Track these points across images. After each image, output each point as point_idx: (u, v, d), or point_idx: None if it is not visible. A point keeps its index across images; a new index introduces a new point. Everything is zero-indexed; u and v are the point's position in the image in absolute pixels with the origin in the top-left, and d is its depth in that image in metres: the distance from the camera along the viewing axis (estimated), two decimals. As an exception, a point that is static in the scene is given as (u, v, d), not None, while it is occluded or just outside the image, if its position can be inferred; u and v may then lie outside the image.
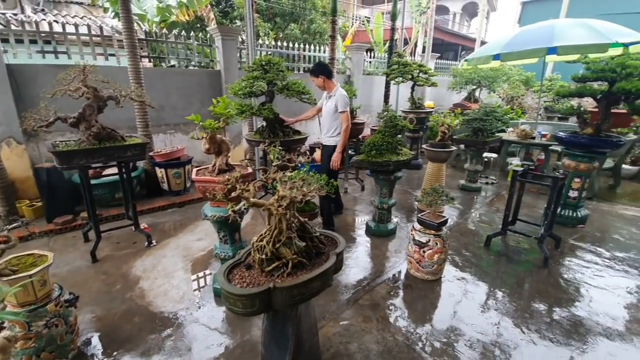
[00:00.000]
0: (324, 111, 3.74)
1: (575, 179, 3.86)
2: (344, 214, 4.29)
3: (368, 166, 3.26)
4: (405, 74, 5.75)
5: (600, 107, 3.77)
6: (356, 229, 3.87)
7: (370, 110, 8.17)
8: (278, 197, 1.52)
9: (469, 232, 3.84)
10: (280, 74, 3.70)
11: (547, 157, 5.92)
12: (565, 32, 4.36)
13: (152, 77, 4.80)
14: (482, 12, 14.18)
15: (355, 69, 7.34)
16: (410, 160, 3.40)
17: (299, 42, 7.36)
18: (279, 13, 10.68)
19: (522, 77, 9.83)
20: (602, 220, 4.17)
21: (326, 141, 3.78)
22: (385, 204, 3.53)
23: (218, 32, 5.13)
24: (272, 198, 1.55)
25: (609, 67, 3.52)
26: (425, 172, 4.39)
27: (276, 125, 3.92)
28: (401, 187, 5.43)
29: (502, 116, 5.00)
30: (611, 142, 3.56)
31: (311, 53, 6.70)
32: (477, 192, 5.23)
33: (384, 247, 3.43)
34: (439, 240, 2.68)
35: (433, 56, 9.97)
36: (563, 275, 2.95)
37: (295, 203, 1.58)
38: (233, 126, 5.62)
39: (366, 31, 14.10)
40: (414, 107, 6.25)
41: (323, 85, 3.64)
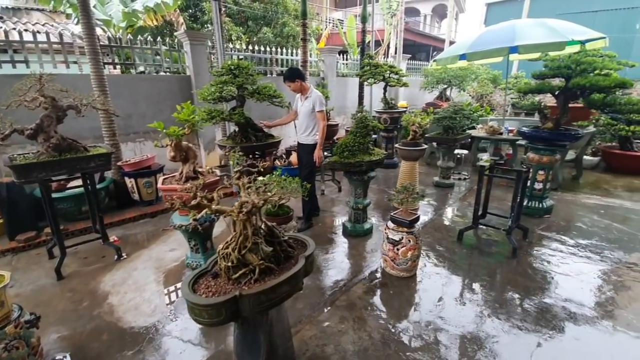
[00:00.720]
0: (301, 112, 3.78)
1: (540, 172, 4.04)
2: (321, 216, 4.30)
3: (341, 167, 3.28)
4: (377, 75, 5.85)
5: (559, 102, 3.97)
6: (333, 230, 3.88)
7: (346, 112, 8.25)
8: (240, 203, 1.50)
9: (442, 227, 3.93)
10: (250, 78, 3.67)
11: (514, 151, 6.17)
12: (525, 31, 4.55)
13: (118, 84, 4.64)
14: (450, 14, 14.63)
15: (329, 71, 7.39)
16: (382, 160, 3.45)
17: (272, 46, 7.35)
18: (250, 17, 10.61)
19: (490, 76, 10.21)
20: (567, 209, 4.38)
21: (304, 140, 3.82)
22: (360, 204, 3.57)
23: (186, 36, 5.03)
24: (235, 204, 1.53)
25: (565, 64, 3.72)
26: (399, 170, 4.46)
27: (249, 129, 3.88)
28: (378, 187, 5.50)
29: (470, 114, 5.16)
30: (569, 135, 3.75)
31: (284, 56, 6.70)
32: (451, 188, 5.37)
33: (360, 247, 3.46)
34: (412, 237, 2.72)
35: (404, 57, 10.20)
36: (531, 264, 3.07)
37: (259, 208, 1.56)
38: (207, 132, 5.53)
39: (339, 34, 14.27)
40: (387, 107, 6.35)
41: (300, 88, 3.69)
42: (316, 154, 3.66)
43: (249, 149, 3.80)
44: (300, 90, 3.71)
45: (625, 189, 5.19)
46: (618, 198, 4.76)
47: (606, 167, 6.43)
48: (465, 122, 5.14)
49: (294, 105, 3.93)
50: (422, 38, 19.60)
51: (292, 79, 3.62)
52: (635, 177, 5.77)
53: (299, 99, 3.83)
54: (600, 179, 5.75)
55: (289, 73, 3.67)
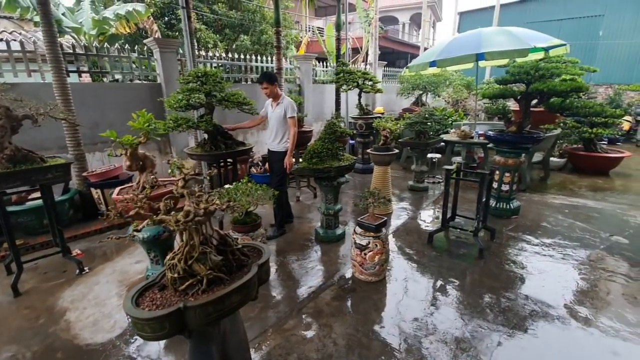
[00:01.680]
0: (272, 118, 3.78)
1: (506, 174, 4.16)
2: (295, 222, 4.28)
3: (309, 173, 3.28)
4: (350, 81, 5.92)
5: (521, 106, 4.12)
6: (306, 237, 3.86)
7: (323, 118, 8.29)
8: (184, 213, 1.47)
9: (414, 230, 3.98)
10: (217, 86, 3.64)
11: (486, 154, 6.34)
12: (489, 39, 4.72)
13: (84, 92, 4.53)
14: (425, 22, 15.03)
15: (305, 78, 7.44)
16: (352, 165, 3.47)
17: (250, 54, 7.35)
18: (228, 25, 10.59)
19: (464, 82, 10.52)
20: (534, 210, 4.52)
21: (275, 147, 3.82)
22: (332, 209, 3.57)
23: (155, 44, 4.96)
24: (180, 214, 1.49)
25: (524, 70, 3.87)
26: (372, 176, 4.50)
27: (218, 137, 3.84)
28: (353, 192, 5.54)
29: (442, 119, 5.28)
30: (531, 138, 3.90)
31: (258, 63, 6.70)
32: (425, 192, 5.46)
33: (332, 253, 3.45)
34: (379, 241, 2.74)
35: (380, 64, 10.38)
36: (497, 264, 3.14)
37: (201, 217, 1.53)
38: (179, 139, 5.44)
39: (319, 42, 14.45)
40: (362, 113, 6.43)
41: (274, 92, 3.69)
42: (287, 161, 3.65)
43: (218, 157, 3.76)
44: (273, 95, 3.71)
45: (589, 188, 5.41)
46: (582, 197, 4.96)
47: (572, 168, 6.70)
48: (436, 127, 5.26)
49: (262, 111, 3.92)
50: (401, 46, 20.07)
51: (271, 81, 3.63)
52: (599, 177, 6.04)
53: (270, 105, 3.83)
54: (567, 180, 5.98)
55: (268, 75, 3.69)
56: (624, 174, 6.27)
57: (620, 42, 10.24)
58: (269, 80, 3.63)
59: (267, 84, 3.62)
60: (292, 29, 13.44)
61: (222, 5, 10.34)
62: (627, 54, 10.21)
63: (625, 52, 10.23)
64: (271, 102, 3.81)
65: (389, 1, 24.51)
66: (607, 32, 10.57)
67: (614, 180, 5.84)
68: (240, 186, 2.90)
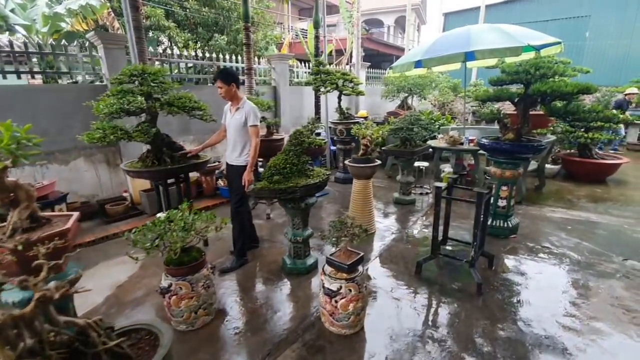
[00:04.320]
0: (232, 126, 3.12)
1: (503, 187, 3.63)
2: (261, 247, 3.64)
3: (269, 195, 2.65)
4: (328, 83, 5.34)
5: (519, 110, 3.61)
6: (272, 267, 3.23)
7: (302, 123, 7.68)
8: None
9: (400, 256, 3.39)
10: (159, 87, 2.99)
11: (476, 162, 5.85)
12: (480, 36, 4.22)
13: (6, 97, 3.80)
14: (408, 22, 14.68)
15: (281, 80, 6.82)
16: (324, 183, 2.87)
17: (224, 53, 6.72)
18: (201, 23, 9.90)
19: (450, 84, 10.11)
20: (532, 226, 4.01)
21: (234, 161, 3.18)
22: (300, 236, 2.95)
23: (98, 39, 4.26)
24: None
25: (523, 69, 3.37)
26: (351, 190, 3.91)
27: (163, 149, 3.18)
28: (332, 207, 4.93)
29: (428, 124, 4.75)
30: (532, 148, 3.38)
31: (227, 63, 6.05)
32: (412, 205, 4.91)
33: (300, 290, 2.83)
34: (353, 285, 2.13)
35: (364, 65, 9.87)
36: (499, 304, 2.58)
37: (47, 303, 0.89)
38: (133, 149, 4.71)
39: (301, 43, 13.91)
40: (342, 117, 5.85)
41: (232, 95, 3.03)
42: (245, 177, 2.99)
43: (162, 173, 3.10)
44: (231, 97, 3.05)
45: (588, 199, 4.96)
46: (583, 210, 4.49)
47: (567, 175, 6.29)
48: (423, 133, 4.72)
49: (222, 119, 3.27)
50: (386, 48, 19.71)
51: (227, 81, 2.95)
52: (596, 185, 5.62)
53: (228, 110, 3.18)
54: (563, 188, 5.54)
55: (224, 73, 3.01)
56: (622, 181, 5.87)
57: (608, 43, 10.03)
58: (224, 79, 2.95)
59: (222, 83, 2.95)
60: (273, 30, 12.85)
61: (194, 2, 9.65)
62: (614, 55, 9.99)
63: (613, 53, 10.02)
64: (230, 106, 3.16)
65: (374, 4, 24.23)
66: (593, 33, 10.36)
67: (613, 189, 5.42)
68: (175, 215, 2.26)
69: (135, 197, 4.67)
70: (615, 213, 4.35)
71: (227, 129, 3.20)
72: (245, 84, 5.42)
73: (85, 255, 3.59)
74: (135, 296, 2.80)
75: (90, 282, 3.05)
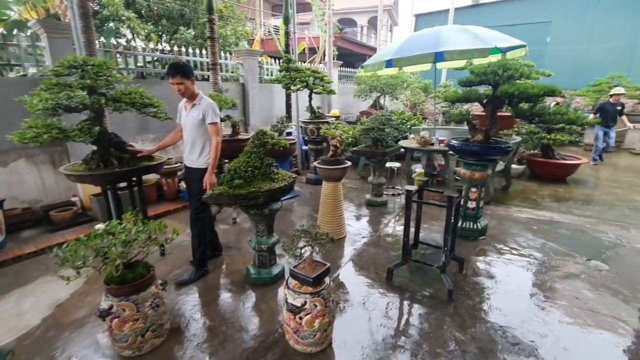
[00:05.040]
0: (188, 124, 2.83)
1: (472, 189, 3.62)
2: (225, 255, 3.40)
3: (229, 201, 2.43)
4: (298, 80, 5.14)
5: (487, 111, 3.60)
6: (236, 277, 3.00)
7: (272, 122, 7.44)
8: None
9: (371, 262, 3.27)
10: (103, 80, 2.67)
11: (446, 162, 5.89)
12: (449, 37, 4.22)
13: None
14: (380, 23, 14.78)
15: (249, 77, 6.54)
16: (289, 186, 2.68)
17: (191, 47, 6.36)
18: (165, 14, 9.37)
19: (421, 85, 10.23)
20: (501, 227, 4.04)
21: (193, 163, 2.90)
22: (264, 244, 2.75)
23: (41, 27, 3.82)
24: None
25: (491, 70, 3.35)
26: (321, 193, 3.75)
27: (111, 150, 2.86)
28: (303, 209, 4.76)
29: (400, 124, 4.69)
30: (501, 149, 3.38)
31: (189, 57, 5.69)
32: (384, 207, 4.83)
33: (263, 303, 2.62)
34: (319, 300, 1.97)
35: (336, 64, 9.75)
36: (470, 311, 2.51)
37: None
38: (80, 148, 4.27)
39: (274, 40, 13.61)
40: (313, 116, 5.68)
41: (190, 90, 2.75)
42: (206, 180, 2.74)
43: (110, 178, 2.78)
44: (189, 94, 2.76)
45: (552, 198, 5.11)
46: (547, 210, 4.60)
47: (531, 175, 6.49)
48: (395, 134, 4.65)
49: (177, 118, 2.99)
50: (359, 47, 19.75)
51: (188, 76, 2.67)
52: (558, 185, 5.82)
53: (183, 107, 2.89)
54: (528, 188, 5.69)
55: (182, 67, 2.71)
56: (580, 181, 6.13)
57: (567, 48, 10.54)
58: (184, 74, 2.67)
59: (182, 78, 2.66)
60: (244, 25, 12.46)
61: (157, -8, 9.11)
62: (573, 59, 10.53)
63: (572, 58, 10.55)
64: (185, 103, 2.87)
65: (348, 3, 24.28)
66: (554, 38, 10.87)
67: (574, 189, 5.64)
68: (116, 226, 1.99)
69: (85, 202, 4.26)
70: (576, 212, 4.49)
71: (182, 128, 2.93)
72: (210, 80, 5.12)
73: (24, 268, 3.21)
74: (76, 316, 2.48)
75: (28, 300, 2.70)
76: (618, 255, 3.32)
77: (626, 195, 5.26)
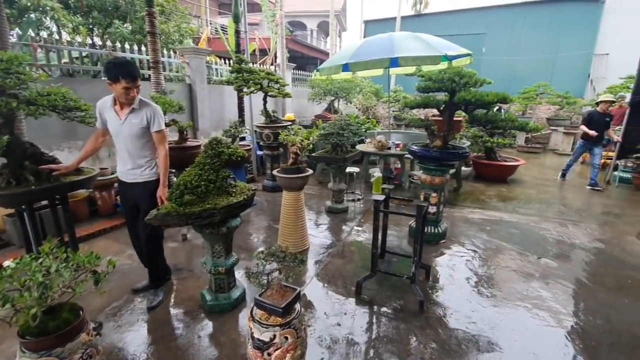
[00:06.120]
0: (124, 133, 2.40)
1: (433, 194, 3.65)
2: (176, 277, 3.00)
3: (178, 221, 2.09)
4: (251, 82, 4.85)
5: (444, 117, 3.67)
6: (188, 305, 2.64)
7: (224, 127, 7.00)
8: None
9: (338, 275, 3.12)
10: (14, 79, 2.17)
11: (402, 166, 6.01)
12: (402, 44, 4.26)
13: None
14: (331, 28, 14.91)
15: (197, 77, 6.06)
16: (249, 201, 2.41)
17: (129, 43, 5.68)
18: (96, 6, 8.38)
19: (373, 89, 10.45)
20: (458, 229, 4.15)
21: (137, 177, 2.49)
22: (222, 265, 2.44)
23: None
24: None
25: (448, 77, 3.40)
26: (281, 204, 3.51)
27: (25, 163, 2.35)
28: (261, 220, 4.46)
29: (358, 128, 4.63)
30: (459, 155, 3.46)
31: (127, 54, 5.08)
32: (345, 213, 4.72)
33: (223, 335, 2.32)
34: (290, 332, 1.74)
35: (289, 66, 9.55)
36: (441, 321, 2.47)
37: None
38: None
39: (222, 39, 13.01)
40: (268, 120, 5.41)
41: (134, 93, 2.33)
42: (160, 194, 2.35)
43: (23, 198, 2.27)
44: (129, 96, 2.31)
45: (498, 198, 5.44)
46: (496, 210, 4.86)
47: (477, 176, 6.89)
48: (353, 139, 4.58)
49: (98, 123, 2.49)
50: (311, 50, 19.76)
51: (134, 78, 2.26)
52: (501, 185, 6.24)
53: (114, 112, 2.39)
54: (476, 189, 6.00)
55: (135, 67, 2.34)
56: (519, 180, 6.65)
57: (500, 59, 11.53)
58: (138, 75, 2.31)
59: (137, 82, 2.30)
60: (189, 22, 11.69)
61: (86, -20, 8.11)
62: (505, 69, 11.55)
63: (504, 67, 11.57)
64: (115, 108, 2.39)
65: (298, 7, 24.19)
66: (488, 48, 11.83)
67: (514, 188, 6.07)
68: (29, 264, 1.57)
69: (-5, 223, 3.52)
70: (521, 212, 4.80)
71: (114, 138, 2.47)
72: (152, 80, 4.59)
73: None
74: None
75: None
76: (562, 252, 3.57)
77: (558, 193, 5.80)
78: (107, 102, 2.42)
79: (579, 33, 10.62)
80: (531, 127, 3.67)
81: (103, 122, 2.46)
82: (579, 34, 10.63)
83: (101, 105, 2.44)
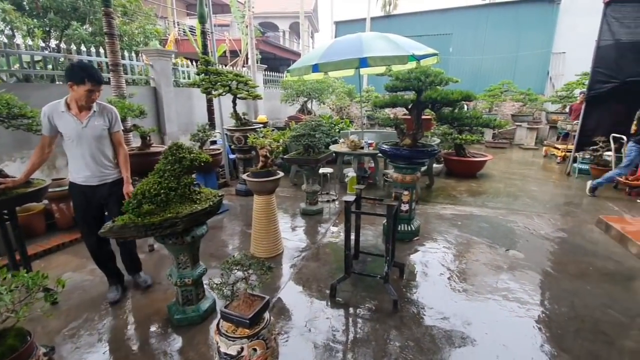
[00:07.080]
0: (87, 136, 2.34)
1: (404, 192, 3.68)
2: (141, 291, 2.84)
3: (136, 233, 1.97)
4: (219, 84, 4.71)
5: (413, 116, 3.71)
6: (154, 319, 2.50)
7: (193, 131, 6.78)
8: None
9: (312, 278, 3.06)
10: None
11: (376, 164, 6.06)
12: (370, 44, 4.30)
13: None
14: (302, 29, 14.88)
15: (162, 80, 5.82)
16: (215, 208, 2.32)
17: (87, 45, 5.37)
18: (52, 7, 7.90)
19: (346, 89, 10.49)
20: (430, 226, 4.22)
21: (110, 176, 2.52)
22: (189, 277, 2.33)
23: None
24: None
25: (415, 76, 3.44)
26: (253, 209, 3.41)
27: (-39, 177, 2.13)
28: (233, 226, 4.34)
29: (330, 129, 4.61)
30: (428, 153, 3.50)
31: (83, 56, 4.80)
32: (320, 215, 4.69)
33: (192, 350, 2.20)
34: (259, 343, 1.67)
35: (260, 68, 9.41)
36: (414, 319, 2.48)
37: None
38: None
39: (190, 41, 12.68)
40: (239, 123, 5.28)
41: (96, 97, 2.33)
42: (128, 190, 2.48)
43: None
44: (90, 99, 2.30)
45: (468, 193, 5.59)
46: (467, 205, 4.99)
47: (448, 172, 7.06)
48: (326, 139, 4.55)
49: (45, 129, 2.32)
50: (283, 52, 19.63)
51: (98, 81, 2.26)
52: (471, 180, 6.43)
53: (74, 116, 2.29)
54: (448, 185, 6.15)
55: (98, 71, 2.33)
56: (487, 175, 6.87)
57: (466, 58, 11.92)
58: (102, 79, 2.32)
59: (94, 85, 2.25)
60: (155, 23, 11.27)
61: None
62: (470, 68, 11.96)
63: (470, 66, 11.97)
64: (72, 112, 2.29)
65: (269, 7, 23.98)
66: (455, 48, 12.21)
67: (483, 183, 6.27)
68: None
69: None
70: (490, 205, 4.96)
71: (74, 142, 2.32)
72: (112, 83, 4.36)
73: None
74: None
75: None
76: (529, 243, 3.71)
77: (524, 186, 6.04)
78: (58, 107, 2.28)
79: (537, 33, 11.17)
80: (495, 123, 3.78)
81: (53, 128, 2.30)
82: (537, 34, 11.18)
83: (50, 110, 2.28)
